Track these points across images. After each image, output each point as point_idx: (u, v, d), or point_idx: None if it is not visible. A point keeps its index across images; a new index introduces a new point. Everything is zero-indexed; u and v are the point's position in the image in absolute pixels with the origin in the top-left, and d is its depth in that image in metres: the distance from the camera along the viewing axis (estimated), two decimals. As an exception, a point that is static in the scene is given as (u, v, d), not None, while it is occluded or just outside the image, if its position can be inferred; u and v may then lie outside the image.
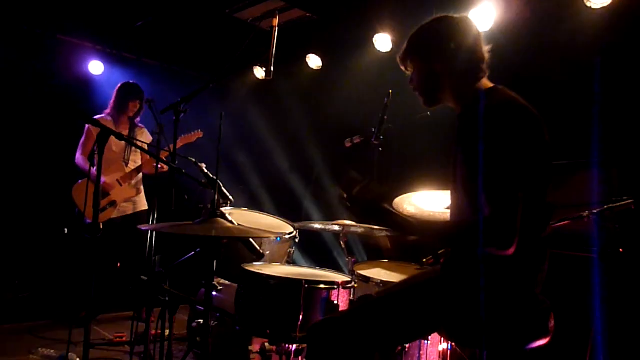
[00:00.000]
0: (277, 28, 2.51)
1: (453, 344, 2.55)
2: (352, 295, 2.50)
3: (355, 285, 2.54)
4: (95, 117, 4.25)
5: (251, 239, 2.47)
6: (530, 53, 3.80)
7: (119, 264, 4.47)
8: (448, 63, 1.79)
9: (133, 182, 4.31)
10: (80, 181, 4.13)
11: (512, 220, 1.53)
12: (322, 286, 2.34)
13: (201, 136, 4.49)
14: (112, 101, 4.34)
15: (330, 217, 4.68)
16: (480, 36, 1.82)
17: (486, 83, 1.82)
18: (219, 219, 1.98)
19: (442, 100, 1.88)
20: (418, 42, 1.86)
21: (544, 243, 1.75)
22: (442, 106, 1.92)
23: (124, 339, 3.65)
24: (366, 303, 1.90)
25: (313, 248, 5.09)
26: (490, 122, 1.61)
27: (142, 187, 4.43)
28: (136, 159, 4.39)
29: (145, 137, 4.46)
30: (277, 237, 3.09)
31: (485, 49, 1.82)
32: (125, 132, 4.33)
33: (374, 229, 3.11)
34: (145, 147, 4.34)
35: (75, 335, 3.34)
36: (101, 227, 4.11)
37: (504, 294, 1.70)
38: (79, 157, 4.22)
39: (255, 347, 2.72)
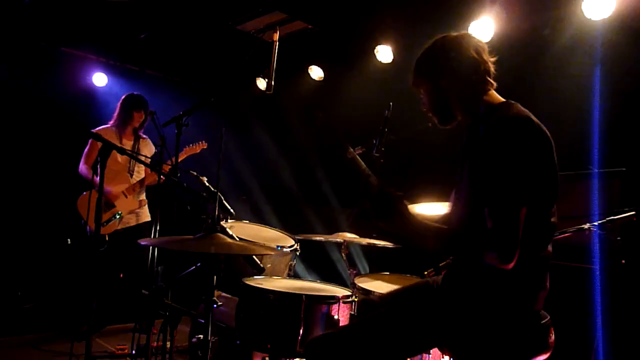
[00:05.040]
0: (277, 43, 2.53)
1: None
2: (352, 310, 2.49)
3: (356, 299, 2.54)
4: (100, 127, 4.28)
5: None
6: (529, 65, 3.81)
7: (121, 275, 4.48)
8: (453, 78, 1.83)
9: (137, 193, 4.33)
10: (84, 193, 4.15)
11: (513, 234, 1.54)
12: (322, 301, 2.34)
13: (206, 147, 4.51)
14: (116, 113, 4.36)
15: (331, 229, 4.68)
16: (483, 49, 1.85)
17: (497, 97, 1.84)
18: (219, 234, 1.99)
19: (455, 117, 1.90)
20: (423, 65, 1.90)
21: (545, 261, 1.75)
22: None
23: (126, 351, 3.65)
24: (366, 318, 1.90)
25: (315, 260, 5.08)
26: (500, 137, 1.62)
27: (145, 199, 4.45)
28: (140, 171, 4.41)
29: (149, 148, 4.49)
30: (277, 247, 3.10)
31: (491, 60, 1.86)
32: (130, 143, 4.35)
33: (375, 243, 3.12)
34: (148, 160, 4.36)
35: (78, 348, 3.34)
36: (107, 239, 4.12)
37: (505, 310, 1.70)
38: (83, 167, 4.24)
39: (255, 361, 2.72)
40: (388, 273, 3.16)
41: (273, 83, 2.57)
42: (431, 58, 1.88)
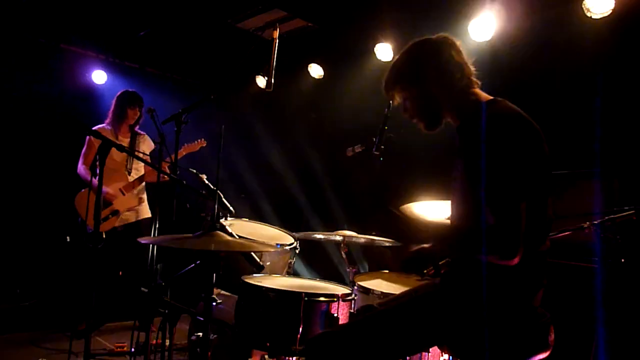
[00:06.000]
0: (277, 40, 2.53)
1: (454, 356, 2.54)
2: (352, 308, 2.49)
3: (356, 298, 2.54)
4: (96, 127, 4.26)
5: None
6: (530, 63, 3.80)
7: (120, 273, 4.47)
8: (439, 80, 1.82)
9: (135, 191, 4.31)
10: (83, 190, 4.14)
11: (516, 229, 1.54)
12: (321, 299, 2.34)
13: (205, 145, 4.50)
14: (111, 110, 4.35)
15: (331, 226, 4.68)
16: (460, 50, 1.86)
17: (484, 95, 1.83)
18: (218, 232, 1.98)
19: (441, 120, 1.89)
20: (403, 69, 1.88)
21: (543, 256, 1.75)
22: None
23: (125, 349, 3.65)
24: (366, 317, 1.90)
25: (315, 258, 5.09)
26: (492, 134, 1.63)
27: (144, 196, 4.43)
28: (139, 168, 4.39)
29: (147, 144, 4.47)
30: (277, 245, 3.10)
31: (470, 61, 1.86)
32: (126, 141, 4.34)
33: (374, 239, 3.11)
34: (148, 157, 4.34)
35: (77, 345, 3.34)
36: (104, 236, 4.11)
37: (504, 308, 1.70)
38: (81, 167, 4.23)
39: (254, 359, 2.71)
40: (387, 271, 3.16)
41: (273, 81, 2.57)
42: (413, 62, 1.86)
